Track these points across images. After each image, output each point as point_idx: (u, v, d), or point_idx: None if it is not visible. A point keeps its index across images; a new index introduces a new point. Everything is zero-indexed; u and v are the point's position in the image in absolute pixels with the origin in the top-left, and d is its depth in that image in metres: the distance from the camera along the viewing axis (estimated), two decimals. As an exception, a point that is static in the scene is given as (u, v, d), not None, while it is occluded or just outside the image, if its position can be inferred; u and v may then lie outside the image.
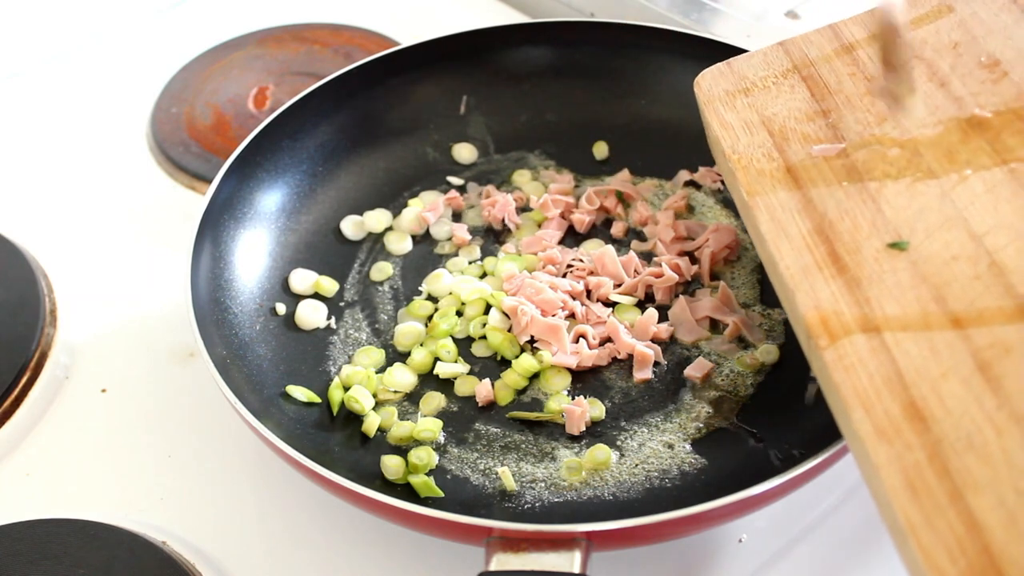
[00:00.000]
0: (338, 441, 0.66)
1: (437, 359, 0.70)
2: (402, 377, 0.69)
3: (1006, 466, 0.41)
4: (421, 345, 0.71)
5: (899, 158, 0.56)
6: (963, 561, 0.39)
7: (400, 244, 0.80)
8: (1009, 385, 0.44)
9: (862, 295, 0.51)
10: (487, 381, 0.68)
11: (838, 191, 0.56)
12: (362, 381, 0.68)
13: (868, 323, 0.49)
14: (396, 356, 0.72)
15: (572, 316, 0.72)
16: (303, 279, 0.76)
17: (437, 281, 0.75)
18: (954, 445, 0.43)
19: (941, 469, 0.42)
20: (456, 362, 0.70)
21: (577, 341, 0.70)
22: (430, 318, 0.73)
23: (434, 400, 0.68)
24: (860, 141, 0.58)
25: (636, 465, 0.63)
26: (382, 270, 0.78)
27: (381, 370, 0.70)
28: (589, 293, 0.73)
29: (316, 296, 0.76)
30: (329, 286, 0.76)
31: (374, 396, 0.68)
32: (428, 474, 0.63)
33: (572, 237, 0.79)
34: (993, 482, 0.41)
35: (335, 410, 0.68)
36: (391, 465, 0.63)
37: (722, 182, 0.81)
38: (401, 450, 0.65)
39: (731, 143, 0.62)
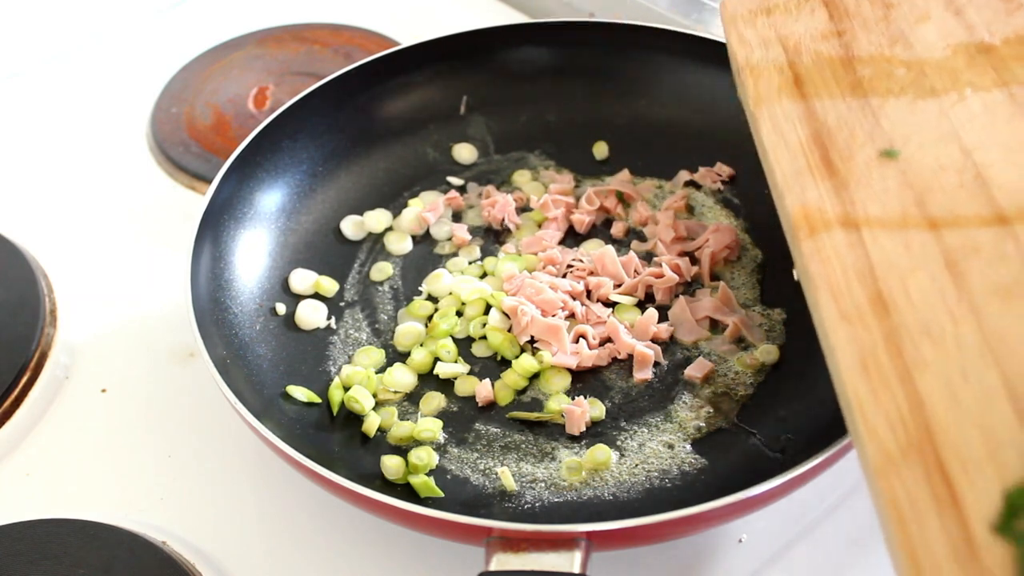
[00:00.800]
0: (338, 441, 0.66)
1: (437, 359, 0.70)
2: (402, 377, 0.69)
3: (957, 350, 0.44)
4: (421, 345, 0.71)
5: (904, 77, 0.58)
6: (902, 433, 0.42)
7: (400, 244, 0.80)
8: (972, 280, 0.46)
9: (848, 196, 0.53)
10: (487, 381, 0.68)
11: (840, 104, 0.59)
12: (362, 381, 0.68)
13: (849, 220, 0.52)
14: (396, 356, 0.72)
15: (572, 316, 0.72)
16: (303, 279, 0.76)
17: (437, 281, 0.75)
18: (911, 330, 0.45)
19: (895, 350, 0.45)
20: (456, 362, 0.70)
21: (577, 341, 0.70)
22: (430, 318, 0.73)
23: (434, 400, 0.68)
24: (869, 59, 0.61)
25: (636, 465, 0.63)
26: (382, 270, 0.78)
27: (381, 370, 0.70)
28: (589, 293, 0.73)
29: (316, 296, 0.76)
30: (329, 286, 0.76)
31: (374, 396, 0.68)
32: (428, 474, 0.63)
33: (572, 237, 0.79)
34: (942, 363, 0.43)
35: (335, 410, 0.68)
36: (391, 465, 0.63)
37: (722, 182, 0.81)
38: (401, 450, 0.65)
39: (746, 56, 0.64)
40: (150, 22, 1.15)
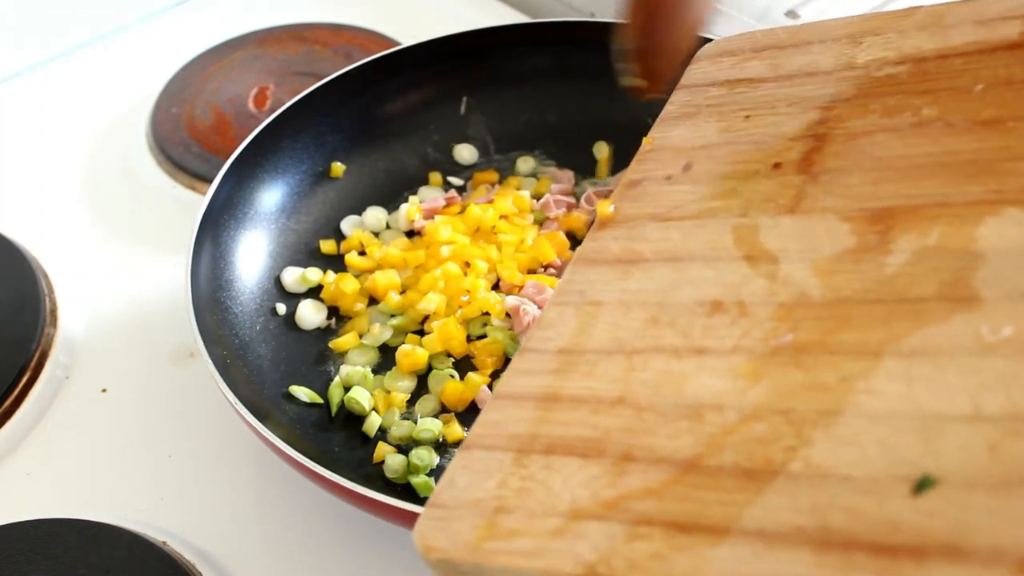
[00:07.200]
0: (338, 441, 0.66)
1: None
2: (401, 381, 0.69)
3: None
4: (420, 345, 0.71)
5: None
6: None
7: (399, 241, 0.80)
8: None
9: None
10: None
11: None
12: (361, 381, 0.68)
13: None
14: (390, 352, 0.71)
15: (572, 316, 0.71)
16: (293, 275, 0.76)
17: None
18: None
19: None
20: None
21: (577, 341, 0.70)
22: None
23: (434, 400, 0.68)
24: None
25: (636, 465, 0.63)
26: (382, 270, 0.78)
27: (378, 369, 0.70)
28: (589, 293, 0.73)
29: (310, 293, 0.76)
30: (314, 277, 0.76)
31: (375, 409, 0.68)
32: (429, 474, 0.63)
33: (573, 237, 0.79)
34: None
35: (334, 410, 0.68)
36: (392, 465, 0.63)
37: (722, 182, 0.81)
38: (402, 450, 0.65)
39: None
40: (150, 22, 1.15)
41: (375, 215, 0.81)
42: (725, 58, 0.60)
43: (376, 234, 0.80)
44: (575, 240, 0.79)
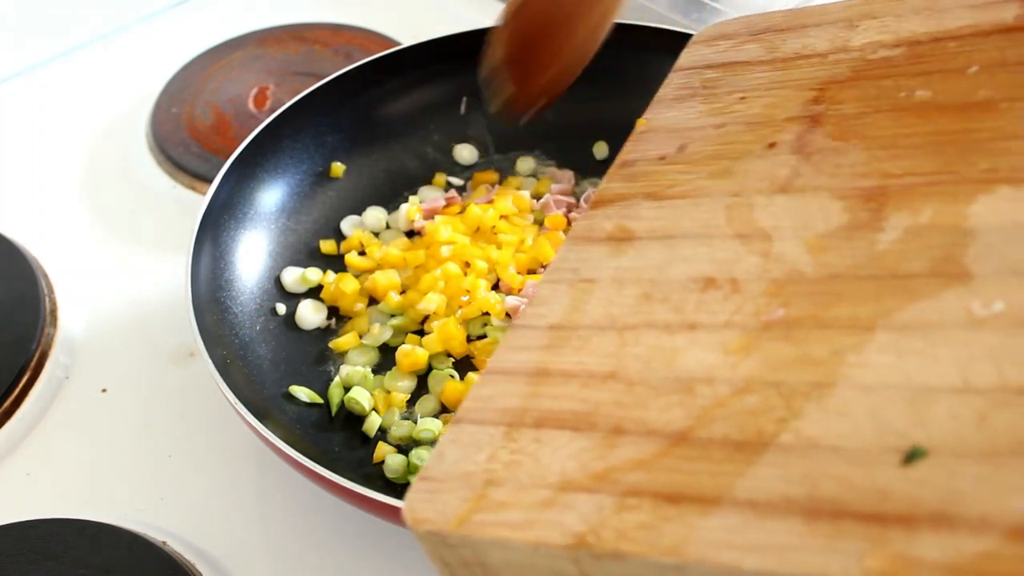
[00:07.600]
0: (338, 441, 0.66)
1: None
2: (401, 381, 0.69)
3: None
4: (420, 345, 0.71)
5: None
6: None
7: (398, 242, 0.80)
8: None
9: None
10: (487, 381, 0.68)
11: None
12: (361, 381, 0.68)
13: None
14: (390, 352, 0.71)
15: (572, 316, 0.71)
16: (293, 275, 0.76)
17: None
18: None
19: None
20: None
21: (577, 341, 0.70)
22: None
23: (434, 400, 0.68)
24: None
25: (636, 465, 0.63)
26: (382, 270, 0.78)
27: (378, 368, 0.70)
28: (589, 293, 0.73)
29: (310, 293, 0.76)
30: (314, 277, 0.76)
31: (375, 409, 0.68)
32: (428, 474, 0.63)
33: (572, 237, 0.79)
34: None
35: (334, 410, 0.68)
36: (393, 464, 0.63)
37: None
38: (402, 450, 0.65)
39: None
40: (150, 22, 1.15)
41: (375, 215, 0.81)
42: (721, 41, 0.60)
43: (376, 234, 0.80)
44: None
